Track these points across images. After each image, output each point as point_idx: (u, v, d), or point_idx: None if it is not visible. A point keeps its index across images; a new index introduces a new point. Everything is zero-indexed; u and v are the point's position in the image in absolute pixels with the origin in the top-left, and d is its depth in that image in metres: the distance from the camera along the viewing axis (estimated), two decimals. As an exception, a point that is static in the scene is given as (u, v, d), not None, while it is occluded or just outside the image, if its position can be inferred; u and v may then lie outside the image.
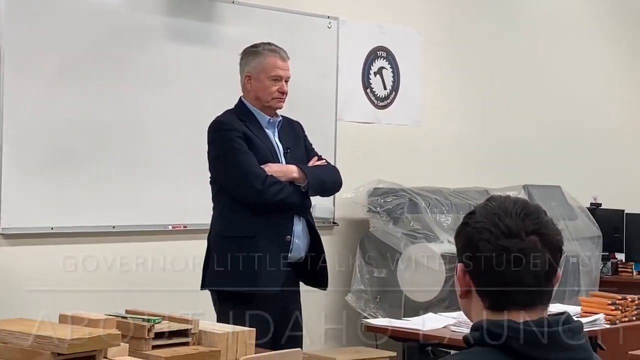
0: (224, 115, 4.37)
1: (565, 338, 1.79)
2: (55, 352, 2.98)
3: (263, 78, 4.35)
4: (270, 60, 4.36)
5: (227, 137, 4.26)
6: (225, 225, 4.29)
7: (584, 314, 4.77)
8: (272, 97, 4.35)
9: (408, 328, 4.47)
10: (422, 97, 7.02)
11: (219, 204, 4.35)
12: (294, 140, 4.46)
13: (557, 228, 1.88)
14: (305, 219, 4.40)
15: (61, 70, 5.14)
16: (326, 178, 4.44)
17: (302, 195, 4.33)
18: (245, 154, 4.23)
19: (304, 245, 4.38)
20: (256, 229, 4.23)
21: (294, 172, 4.31)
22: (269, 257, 4.22)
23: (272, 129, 4.41)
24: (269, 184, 4.20)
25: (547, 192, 7.13)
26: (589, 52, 8.37)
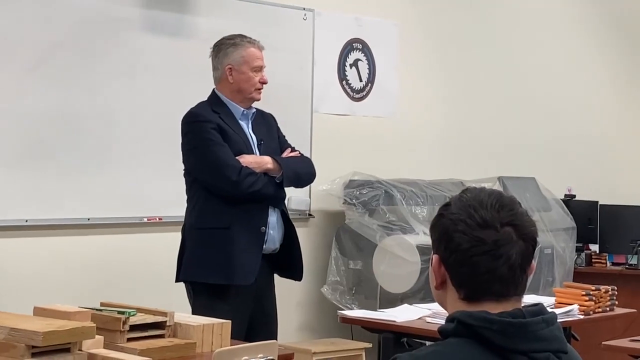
0: (198, 107, 4.36)
1: (540, 329, 1.80)
2: (29, 345, 2.96)
3: (246, 69, 4.36)
4: (251, 52, 4.38)
5: (201, 128, 4.26)
6: (200, 217, 4.29)
7: (558, 304, 4.80)
8: (254, 87, 4.36)
9: (383, 320, 4.48)
10: (397, 89, 7.03)
11: (193, 195, 4.35)
12: (267, 132, 4.47)
13: (531, 219, 1.89)
14: (280, 210, 4.41)
15: (34, 61, 5.10)
16: (300, 169, 4.45)
17: (277, 186, 4.33)
18: (220, 145, 4.22)
19: (278, 236, 4.39)
20: (231, 220, 4.23)
21: (269, 163, 4.32)
22: (243, 249, 4.22)
23: (245, 121, 4.41)
24: (244, 175, 4.20)
25: (521, 183, 7.16)
26: (564, 43, 8.40)
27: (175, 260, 4.40)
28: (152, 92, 5.57)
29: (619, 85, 8.86)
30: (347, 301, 6.23)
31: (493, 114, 7.71)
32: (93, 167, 5.30)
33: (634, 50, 8.97)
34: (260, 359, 3.41)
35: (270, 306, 4.42)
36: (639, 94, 9.03)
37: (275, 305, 4.46)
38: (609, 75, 8.76)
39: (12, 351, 2.98)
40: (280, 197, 4.39)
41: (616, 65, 8.82)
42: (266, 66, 4.44)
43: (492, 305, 1.84)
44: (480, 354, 1.78)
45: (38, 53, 5.12)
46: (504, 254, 1.83)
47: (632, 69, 8.96)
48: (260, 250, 4.29)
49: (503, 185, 6.99)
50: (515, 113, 7.88)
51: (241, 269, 4.21)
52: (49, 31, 5.16)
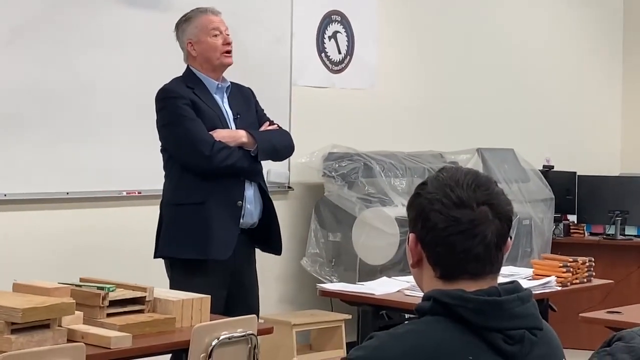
0: (171, 83, 4.35)
1: (515, 306, 1.82)
2: (9, 322, 2.98)
3: (204, 38, 4.33)
4: (205, 18, 4.35)
5: (173, 104, 4.24)
6: (176, 193, 4.28)
7: (536, 276, 4.84)
8: (220, 52, 4.32)
9: (362, 292, 4.50)
10: (376, 61, 7.03)
11: (169, 171, 4.34)
12: (244, 106, 4.45)
13: (507, 198, 1.90)
14: (257, 184, 4.39)
15: (11, 35, 5.07)
16: (277, 142, 4.43)
17: (252, 159, 4.31)
18: (192, 120, 4.20)
19: (256, 211, 4.37)
20: (206, 195, 4.22)
21: (243, 136, 4.30)
22: (220, 224, 4.21)
23: (220, 95, 4.39)
24: (217, 149, 4.18)
25: (500, 155, 7.19)
26: (544, 15, 8.41)
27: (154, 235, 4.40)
28: (128, 65, 5.54)
29: (598, 57, 8.88)
30: (326, 273, 6.25)
31: (472, 85, 7.72)
32: (71, 141, 5.28)
33: (612, 24, 8.99)
34: (240, 333, 3.44)
35: (250, 280, 4.42)
36: (619, 65, 9.06)
37: (255, 279, 4.46)
38: (588, 47, 8.78)
39: (-9, 328, 2.99)
40: (255, 170, 4.37)
41: (596, 38, 8.84)
42: (227, 28, 4.39)
43: (468, 283, 1.85)
44: (456, 332, 1.79)
45: (14, 26, 5.08)
46: (480, 233, 1.85)
47: (612, 40, 8.98)
48: (237, 225, 4.28)
49: (482, 156, 7.03)
50: (494, 84, 7.90)
51: (217, 244, 4.20)
52: (25, 4, 5.12)
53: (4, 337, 2.96)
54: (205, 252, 4.19)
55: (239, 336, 3.43)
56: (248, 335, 3.46)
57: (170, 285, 4.19)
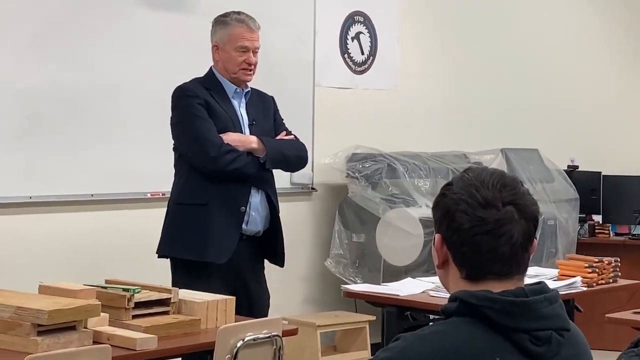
0: (189, 82, 4.33)
1: (542, 307, 1.81)
2: (35, 323, 3.00)
3: (229, 49, 4.29)
4: (237, 31, 4.30)
5: (187, 103, 4.23)
6: (181, 192, 4.27)
7: (561, 277, 4.81)
8: (238, 68, 4.29)
9: (387, 294, 4.49)
10: (399, 62, 7.02)
11: (178, 171, 4.32)
12: (262, 113, 4.40)
13: (533, 198, 1.89)
14: (265, 192, 4.33)
15: (34, 38, 5.09)
16: (288, 152, 4.36)
17: (260, 166, 4.25)
18: (203, 120, 4.18)
19: (261, 219, 4.31)
20: (209, 197, 4.18)
21: (253, 142, 4.25)
22: (220, 227, 4.17)
23: (238, 99, 4.36)
24: (224, 151, 4.15)
25: (524, 155, 7.17)
26: (567, 13, 8.37)
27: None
28: (153, 67, 5.56)
29: (623, 58, 8.83)
30: (350, 274, 6.25)
31: (496, 85, 7.69)
32: (96, 143, 5.30)
33: (637, 25, 8.93)
34: (265, 334, 3.44)
35: (257, 288, 4.33)
36: (642, 63, 9.00)
37: (263, 287, 4.38)
38: (613, 48, 8.73)
39: (18, 329, 3.01)
40: (263, 178, 4.30)
41: (621, 39, 8.79)
42: (260, 46, 4.35)
43: (494, 284, 1.85)
44: (482, 333, 1.79)
45: (38, 29, 5.11)
46: (506, 233, 1.84)
47: (636, 42, 8.92)
48: (238, 230, 4.22)
49: (506, 157, 7.00)
50: (517, 84, 7.86)
51: (215, 247, 4.15)
52: (48, 6, 5.14)
53: (31, 338, 2.98)
54: (202, 254, 4.15)
55: (264, 337, 3.43)
56: (273, 336, 3.46)
57: (172, 286, 4.16)
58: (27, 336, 2.99)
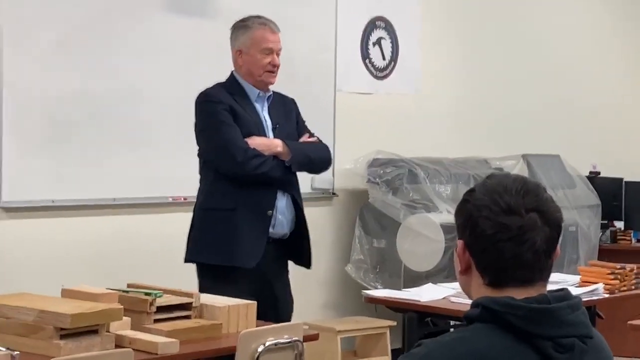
0: (212, 88, 4.34)
1: (565, 314, 1.80)
2: (58, 327, 3.01)
3: (254, 52, 4.31)
4: (260, 34, 4.31)
5: (211, 109, 4.24)
6: (208, 198, 4.28)
7: (583, 283, 4.79)
8: (264, 70, 4.30)
9: (408, 299, 4.49)
10: (421, 67, 7.01)
11: (204, 176, 4.34)
12: (284, 116, 4.41)
13: (556, 205, 1.89)
14: (291, 195, 4.35)
15: (59, 43, 5.12)
16: (313, 154, 4.38)
17: (286, 169, 4.27)
18: (229, 126, 4.19)
19: (287, 222, 4.33)
20: (236, 202, 4.20)
21: (278, 146, 4.26)
22: (248, 231, 4.18)
23: (261, 104, 4.37)
24: (250, 156, 4.16)
25: (546, 161, 7.14)
26: (589, 19, 8.34)
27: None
28: (175, 72, 5.58)
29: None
30: (371, 279, 6.24)
31: (517, 91, 7.68)
32: (118, 148, 5.33)
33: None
34: (286, 339, 3.44)
35: (282, 291, 4.35)
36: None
37: (288, 290, 4.40)
38: (634, 53, 8.69)
39: (40, 333, 3.02)
40: (289, 181, 4.32)
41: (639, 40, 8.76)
42: (282, 48, 4.37)
43: (516, 290, 1.84)
44: (505, 339, 1.78)
45: (63, 35, 5.14)
46: (529, 240, 1.83)
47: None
48: (266, 234, 4.24)
49: (527, 162, 6.98)
50: (539, 90, 7.84)
51: (243, 252, 4.17)
52: (73, 13, 5.17)
53: (53, 342, 2.99)
54: (231, 259, 4.16)
55: (285, 342, 3.43)
56: (294, 341, 3.46)
57: (199, 291, 4.17)
58: (50, 340, 3.00)
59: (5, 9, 4.91)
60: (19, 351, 2.98)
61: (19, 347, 3.00)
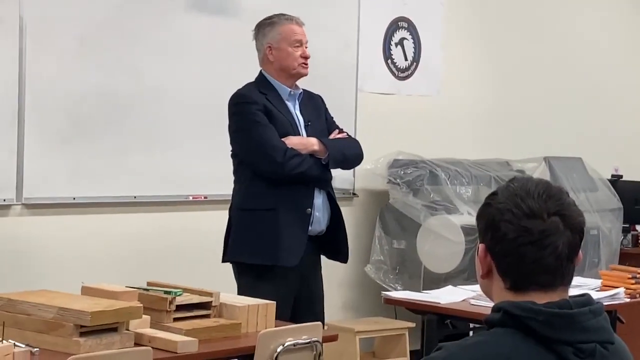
0: (245, 88, 4.36)
1: (586, 320, 1.80)
2: (77, 324, 3.02)
3: (284, 46, 4.34)
4: (288, 27, 4.36)
5: (247, 110, 4.26)
6: (246, 198, 4.30)
7: (604, 287, 4.77)
8: (297, 62, 4.34)
9: (427, 301, 4.48)
10: (443, 68, 7.00)
11: (240, 177, 4.36)
12: (314, 114, 4.45)
13: (579, 209, 1.88)
14: (326, 192, 4.40)
15: (82, 41, 5.14)
16: (347, 150, 4.43)
17: (323, 167, 4.32)
18: (266, 127, 4.22)
19: (324, 218, 4.38)
20: (277, 201, 4.23)
21: (315, 144, 4.30)
22: (289, 230, 4.23)
23: (292, 102, 4.40)
24: (290, 156, 4.20)
25: (568, 163, 7.12)
26: (613, 21, 8.30)
27: (220, 239, 4.42)
28: (197, 71, 5.59)
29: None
30: (390, 280, 6.23)
31: (539, 92, 7.65)
32: (139, 146, 5.34)
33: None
34: (305, 340, 3.44)
35: (317, 287, 4.43)
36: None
37: (321, 286, 4.47)
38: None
39: (60, 330, 3.03)
40: (326, 178, 4.38)
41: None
42: (308, 41, 4.41)
43: (538, 295, 1.83)
44: (526, 344, 1.78)
45: (85, 33, 5.15)
46: (551, 244, 1.83)
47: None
48: (306, 232, 4.29)
49: (549, 165, 6.95)
50: (561, 92, 7.81)
51: (286, 251, 4.21)
52: (94, 10, 5.18)
53: (73, 339, 3.00)
54: (274, 259, 4.21)
55: (304, 343, 3.43)
56: (313, 342, 3.46)
57: (238, 290, 4.21)
58: (70, 337, 3.01)
59: (29, 7, 4.93)
60: (39, 348, 3.00)
61: (39, 344, 3.02)
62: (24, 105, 4.92)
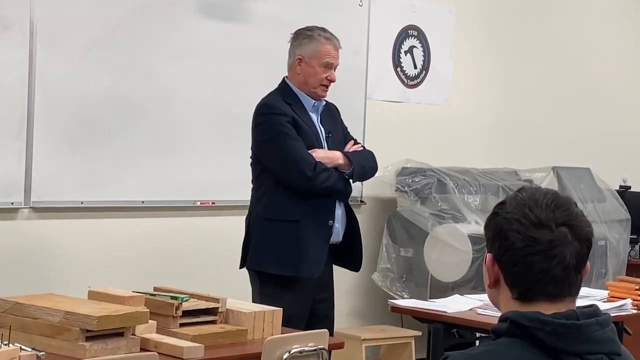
0: (271, 98, 4.35)
1: (593, 331, 1.79)
2: (84, 329, 3.02)
3: (315, 64, 4.34)
4: (325, 48, 4.36)
5: (276, 121, 4.26)
6: (269, 208, 4.30)
7: (611, 298, 4.76)
8: (320, 83, 4.35)
9: (434, 310, 4.47)
10: (452, 77, 7.00)
11: (261, 185, 4.35)
12: (333, 124, 4.47)
13: (587, 220, 1.87)
14: (345, 204, 4.44)
15: (92, 45, 5.14)
16: (366, 164, 4.46)
17: (346, 181, 4.36)
18: (295, 139, 4.23)
19: (342, 229, 4.43)
20: (301, 213, 4.25)
21: (340, 158, 4.33)
22: (312, 242, 4.26)
23: (315, 113, 4.41)
24: (319, 171, 4.22)
25: (576, 174, 7.10)
26: (621, 30, 8.29)
27: (229, 244, 4.42)
28: (206, 76, 5.59)
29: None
30: (397, 289, 6.22)
31: (548, 102, 7.64)
32: (148, 151, 5.34)
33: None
34: (311, 347, 3.43)
35: (330, 294, 4.47)
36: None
37: (333, 292, 4.50)
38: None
39: (66, 334, 3.04)
40: (348, 192, 4.41)
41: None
42: (338, 65, 4.42)
43: (545, 305, 1.83)
44: (532, 354, 1.77)
45: (95, 37, 5.16)
46: (559, 254, 1.82)
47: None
48: (327, 244, 4.33)
49: (557, 175, 6.94)
50: (570, 102, 7.80)
51: (309, 262, 4.25)
52: (106, 15, 5.20)
53: (79, 344, 3.00)
54: (297, 270, 4.24)
55: (310, 350, 3.42)
56: (319, 349, 3.46)
57: (259, 299, 4.21)
58: (76, 341, 3.01)
59: (40, 11, 4.94)
60: (45, 352, 3.00)
61: (45, 348, 3.02)
62: (33, 108, 4.92)
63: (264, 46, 5.58)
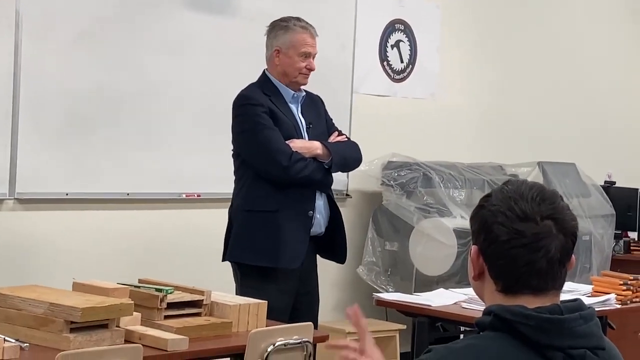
0: (249, 89, 4.35)
1: (577, 325, 1.79)
2: (68, 320, 3.01)
3: (292, 54, 4.34)
4: (301, 37, 4.35)
5: (252, 112, 4.25)
6: (248, 199, 4.30)
7: (595, 293, 4.77)
8: (299, 72, 4.34)
9: (419, 304, 4.48)
10: (438, 71, 7.00)
11: (241, 177, 4.35)
12: (315, 116, 4.46)
13: (572, 213, 1.88)
14: (326, 194, 4.42)
15: (79, 37, 5.12)
16: (348, 154, 4.45)
17: (325, 171, 4.34)
18: (271, 129, 4.22)
19: (324, 220, 4.41)
20: (279, 204, 4.25)
21: (318, 148, 4.31)
22: (291, 233, 4.25)
23: (295, 104, 4.40)
24: (295, 160, 4.21)
25: (561, 169, 7.12)
26: (608, 26, 8.31)
27: (214, 237, 4.41)
28: (194, 70, 5.58)
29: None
30: (382, 282, 6.23)
31: (534, 98, 7.66)
32: (133, 143, 5.33)
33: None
34: (296, 340, 3.44)
35: (314, 287, 4.46)
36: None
37: (317, 285, 4.50)
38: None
39: (51, 326, 3.03)
40: (328, 182, 4.40)
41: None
42: (317, 52, 4.41)
43: (529, 299, 1.83)
44: (516, 348, 1.77)
45: (83, 29, 5.14)
46: (543, 248, 1.82)
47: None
48: (308, 234, 4.31)
49: (543, 170, 6.96)
50: (556, 98, 7.82)
51: (288, 253, 4.24)
52: (94, 8, 5.17)
53: (63, 335, 3.00)
54: (277, 260, 4.23)
55: (295, 343, 3.42)
56: (304, 342, 3.46)
57: (240, 290, 4.21)
58: (60, 333, 3.01)
59: (26, 2, 4.91)
60: (29, 343, 2.99)
61: (29, 339, 3.02)
62: (19, 99, 4.90)
63: (251, 40, 5.55)
